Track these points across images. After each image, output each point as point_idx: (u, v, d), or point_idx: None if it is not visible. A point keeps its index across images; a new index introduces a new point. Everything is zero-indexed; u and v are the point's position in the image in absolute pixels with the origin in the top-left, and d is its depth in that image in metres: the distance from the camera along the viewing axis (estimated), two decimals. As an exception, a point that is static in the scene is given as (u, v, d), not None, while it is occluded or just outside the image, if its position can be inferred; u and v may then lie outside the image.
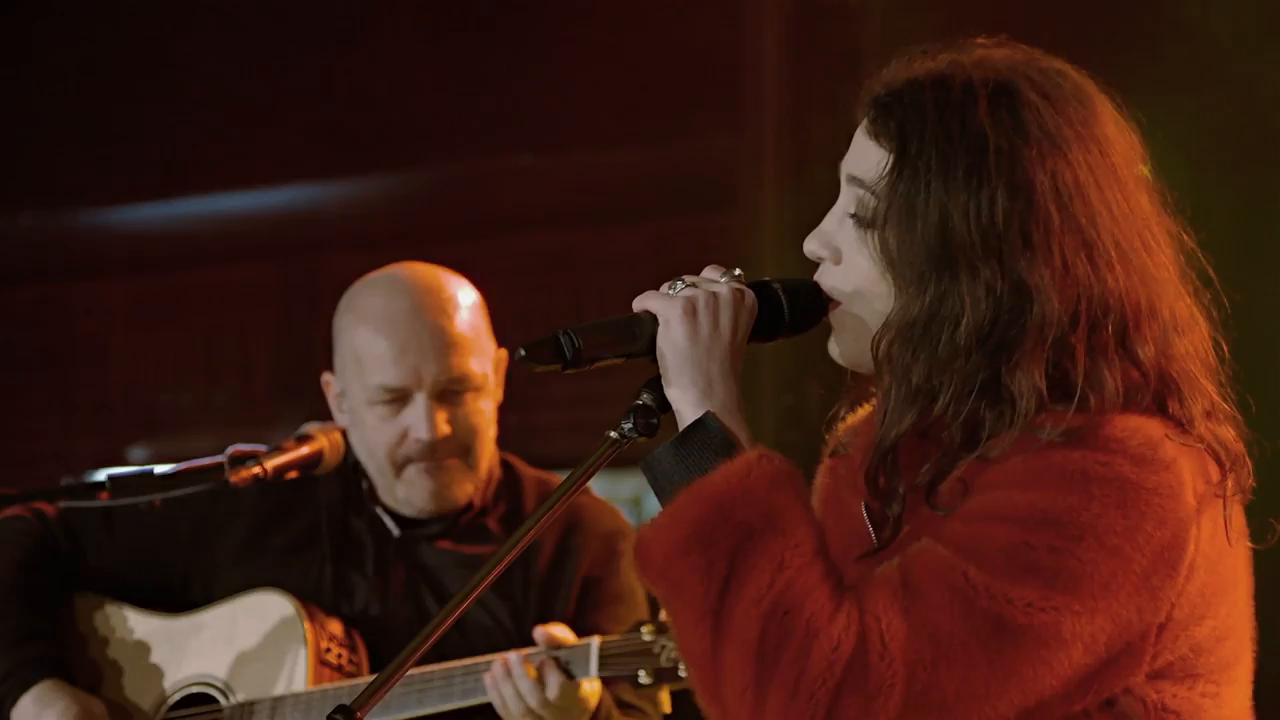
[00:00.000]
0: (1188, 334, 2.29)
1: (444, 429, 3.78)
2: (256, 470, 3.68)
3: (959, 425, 2.23)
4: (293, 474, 3.76)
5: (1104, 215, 2.25)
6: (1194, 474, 2.19)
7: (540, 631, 3.57)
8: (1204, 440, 2.24)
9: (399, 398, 3.79)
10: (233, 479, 3.66)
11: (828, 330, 2.42)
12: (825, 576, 2.15)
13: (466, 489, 3.84)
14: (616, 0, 6.32)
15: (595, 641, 3.56)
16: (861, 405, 2.47)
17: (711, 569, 2.15)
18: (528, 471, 3.95)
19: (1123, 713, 2.19)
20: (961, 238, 2.23)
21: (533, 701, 3.50)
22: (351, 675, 3.73)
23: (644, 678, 3.53)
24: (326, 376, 3.94)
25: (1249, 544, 2.30)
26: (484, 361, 3.84)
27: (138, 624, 3.88)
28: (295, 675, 3.72)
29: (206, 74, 6.66)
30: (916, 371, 2.25)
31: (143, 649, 3.86)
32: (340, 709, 2.19)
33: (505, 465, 3.93)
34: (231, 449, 3.71)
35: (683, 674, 3.49)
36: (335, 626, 3.78)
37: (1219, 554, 2.22)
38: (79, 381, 7.27)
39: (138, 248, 7.07)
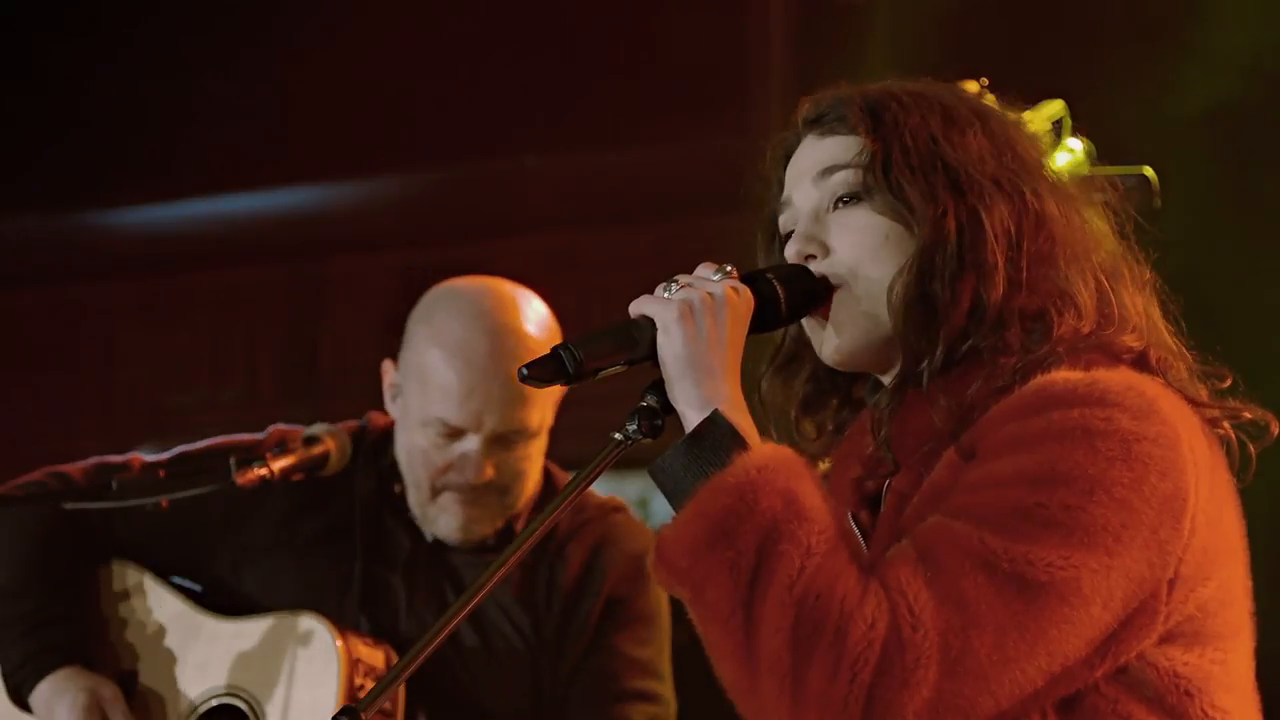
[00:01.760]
0: (1150, 299, 2.40)
1: (489, 474, 3.76)
2: (263, 472, 3.68)
3: (996, 342, 2.30)
4: (298, 476, 3.76)
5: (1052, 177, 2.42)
6: (1187, 427, 2.24)
7: None
8: (1186, 394, 2.32)
9: (455, 433, 3.76)
10: (239, 480, 3.65)
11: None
12: (851, 559, 2.17)
13: (497, 524, 3.81)
14: (622, 2, 6.32)
15: None
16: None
17: (740, 560, 2.15)
18: (563, 479, 3.90)
19: (1136, 680, 2.22)
20: (962, 169, 2.35)
21: None
22: (387, 715, 3.65)
23: None
24: (387, 363, 3.90)
25: (1242, 520, 2.34)
26: (545, 409, 3.81)
27: (176, 613, 3.81)
28: (323, 711, 3.63)
29: (211, 74, 6.67)
30: (942, 298, 2.32)
31: (176, 641, 3.79)
32: (345, 710, 2.19)
33: (545, 474, 3.89)
34: (271, 428, 3.79)
35: None
36: (377, 659, 3.71)
37: (1218, 511, 2.26)
38: (84, 383, 7.25)
39: (143, 249, 7.06)
